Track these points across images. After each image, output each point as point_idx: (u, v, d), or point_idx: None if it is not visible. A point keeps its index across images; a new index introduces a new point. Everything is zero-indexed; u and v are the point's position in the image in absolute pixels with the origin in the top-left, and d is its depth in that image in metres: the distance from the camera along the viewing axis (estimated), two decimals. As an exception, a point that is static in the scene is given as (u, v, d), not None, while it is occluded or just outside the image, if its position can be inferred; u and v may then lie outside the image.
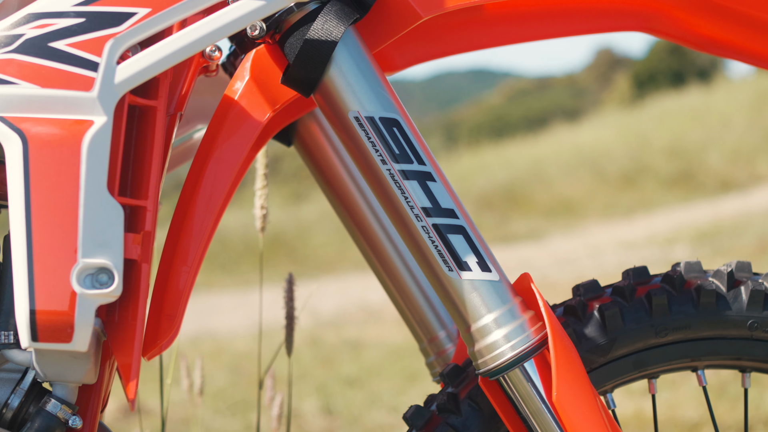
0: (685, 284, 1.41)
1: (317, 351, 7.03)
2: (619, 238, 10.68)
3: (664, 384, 4.87)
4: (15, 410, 1.28)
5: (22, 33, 1.20)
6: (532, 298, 1.32)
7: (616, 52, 34.48)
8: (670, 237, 10.00)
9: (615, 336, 1.39)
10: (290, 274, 1.96)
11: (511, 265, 10.07)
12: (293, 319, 1.98)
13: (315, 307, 8.52)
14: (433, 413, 1.40)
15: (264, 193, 1.90)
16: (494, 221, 13.26)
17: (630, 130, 17.36)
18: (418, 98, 71.58)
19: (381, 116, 1.29)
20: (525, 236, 12.14)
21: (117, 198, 1.21)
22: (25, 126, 1.17)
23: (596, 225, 12.41)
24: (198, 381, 2.27)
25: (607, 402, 1.46)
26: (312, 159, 1.79)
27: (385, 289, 1.84)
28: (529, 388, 1.30)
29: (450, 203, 1.30)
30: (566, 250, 10.45)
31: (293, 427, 5.27)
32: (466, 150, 21.83)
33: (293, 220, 13.85)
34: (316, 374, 6.35)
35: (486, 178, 15.76)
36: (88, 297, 1.17)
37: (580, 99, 30.67)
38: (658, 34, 1.53)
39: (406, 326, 1.87)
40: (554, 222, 12.99)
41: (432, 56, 1.52)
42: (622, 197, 13.85)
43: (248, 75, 1.34)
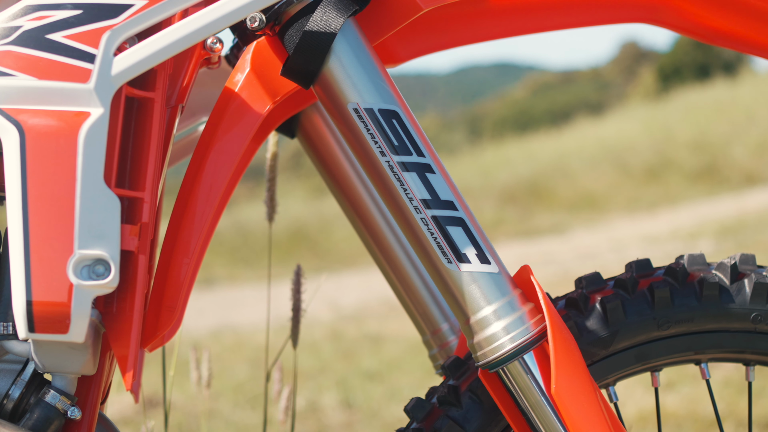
0: (687, 277, 1.40)
1: (338, 345, 7.04)
2: (643, 233, 10.63)
3: (685, 378, 4.85)
4: (16, 401, 1.29)
5: (19, 25, 1.21)
6: (531, 291, 1.32)
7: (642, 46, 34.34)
8: (693, 231, 9.95)
9: (617, 329, 1.39)
10: (298, 266, 1.96)
11: (534, 259, 10.05)
12: (299, 311, 1.98)
13: (336, 301, 8.53)
14: (434, 406, 1.40)
15: (273, 184, 1.90)
16: (517, 215, 13.23)
17: (654, 123, 17.29)
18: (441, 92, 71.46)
19: (380, 108, 1.29)
20: (548, 230, 12.11)
21: (114, 189, 1.21)
22: (22, 117, 1.18)
23: (620, 219, 12.37)
24: (205, 374, 2.27)
25: (609, 395, 1.45)
26: (315, 151, 1.79)
27: (388, 282, 1.84)
28: (528, 380, 1.30)
29: (449, 195, 1.30)
30: (589, 244, 10.41)
31: (312, 420, 5.28)
32: (489, 144, 21.80)
33: (316, 214, 13.86)
34: (336, 368, 6.36)
35: (509, 172, 15.72)
36: (85, 288, 1.17)
37: (605, 92, 30.54)
38: (665, 26, 1.52)
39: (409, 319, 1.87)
40: (577, 216, 12.94)
41: (436, 48, 1.51)
42: (646, 191, 13.79)
43: (249, 67, 1.34)
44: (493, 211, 13.43)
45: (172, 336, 1.37)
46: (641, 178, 14.39)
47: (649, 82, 27.24)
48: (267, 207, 1.94)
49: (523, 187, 14.65)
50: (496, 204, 13.77)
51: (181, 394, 5.88)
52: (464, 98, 58.71)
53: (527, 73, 54.28)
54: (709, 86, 20.42)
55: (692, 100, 18.89)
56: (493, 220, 13.00)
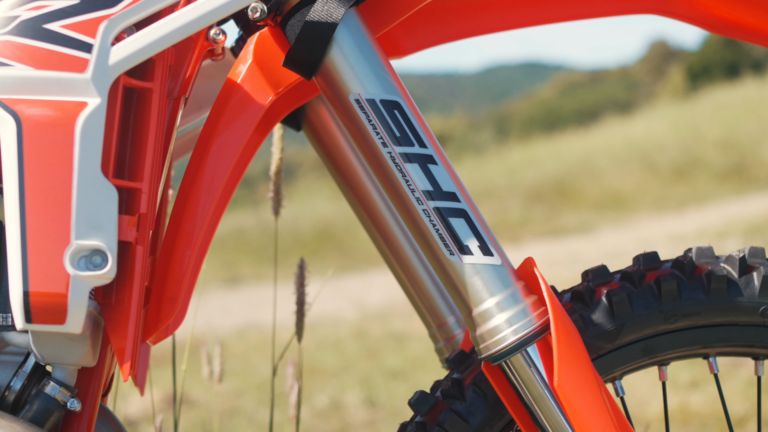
0: (695, 270, 1.39)
1: (362, 343, 7.04)
2: (670, 232, 10.58)
3: (710, 377, 4.82)
4: (17, 393, 1.29)
5: (17, 15, 1.20)
6: (535, 283, 1.30)
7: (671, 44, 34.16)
8: (721, 230, 9.89)
9: (623, 322, 1.37)
10: (302, 260, 1.95)
11: (560, 258, 10.02)
12: (303, 305, 1.97)
13: (362, 299, 8.53)
14: (438, 399, 1.39)
15: (279, 177, 1.89)
16: (544, 215, 13.20)
17: (683, 122, 17.20)
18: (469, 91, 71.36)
19: (382, 99, 1.28)
20: (574, 230, 12.06)
21: (112, 180, 1.20)
22: (19, 108, 1.17)
23: (647, 218, 12.31)
24: (217, 369, 2.27)
25: (616, 389, 1.44)
26: (321, 144, 1.78)
27: (394, 275, 1.83)
28: (531, 373, 1.29)
29: (452, 186, 1.29)
30: (616, 243, 10.36)
31: (335, 418, 5.28)
32: (516, 143, 21.75)
33: (342, 214, 13.85)
34: (360, 366, 6.36)
35: (536, 172, 15.69)
36: (82, 279, 1.17)
37: (633, 92, 30.41)
38: (674, 17, 1.51)
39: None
40: (604, 215, 12.89)
41: (443, 40, 1.51)
42: (674, 190, 13.72)
43: (251, 58, 1.34)
44: (520, 210, 13.40)
45: (176, 328, 1.37)
46: (669, 178, 14.32)
47: (677, 81, 27.10)
48: (273, 201, 1.94)
49: (549, 186, 14.62)
50: (522, 203, 13.74)
51: (205, 391, 5.90)
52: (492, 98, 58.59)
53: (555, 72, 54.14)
54: (738, 85, 20.30)
55: (721, 99, 18.78)
56: (520, 219, 12.97)
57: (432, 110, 47.35)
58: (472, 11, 1.50)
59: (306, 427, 5.22)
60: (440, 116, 35.73)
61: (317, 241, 12.92)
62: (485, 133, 28.38)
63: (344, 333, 7.46)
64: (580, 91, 33.34)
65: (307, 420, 5.34)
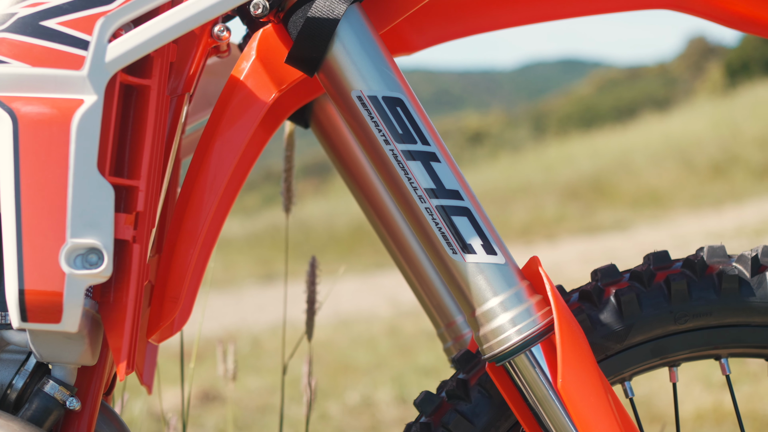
0: (706, 269, 1.36)
1: (395, 340, 7.03)
2: (707, 229, 10.50)
3: (745, 377, 4.78)
4: (19, 391, 1.28)
5: (14, 12, 1.20)
6: (540, 283, 1.28)
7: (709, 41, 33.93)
8: (759, 228, 9.81)
9: (632, 322, 1.35)
10: (313, 258, 1.94)
11: (596, 255, 9.97)
12: (314, 303, 1.96)
13: (396, 296, 8.52)
14: (443, 400, 1.37)
15: (290, 174, 1.89)
16: (579, 212, 13.14)
17: (721, 119, 17.08)
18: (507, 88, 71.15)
19: (384, 95, 1.27)
20: (610, 227, 12.00)
21: (108, 178, 1.19)
22: (15, 105, 1.17)
23: (684, 216, 12.22)
24: (231, 366, 2.26)
25: (625, 390, 1.41)
26: (328, 141, 1.77)
27: (402, 274, 1.82)
28: (535, 374, 1.27)
29: (455, 184, 1.27)
30: (652, 240, 10.30)
31: (366, 416, 5.27)
32: (553, 140, 21.68)
33: (377, 210, 13.83)
34: (393, 363, 6.35)
35: (572, 169, 15.63)
36: (77, 277, 1.16)
37: (672, 88, 30.20)
38: (690, 12, 1.49)
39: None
40: (640, 212, 12.81)
41: (452, 36, 1.49)
42: (711, 187, 13.62)
43: (254, 55, 1.33)
44: (556, 207, 13.35)
45: (180, 327, 1.36)
46: (706, 175, 14.22)
47: (716, 78, 26.90)
48: (283, 198, 1.93)
49: (585, 183, 14.55)
50: (558, 200, 13.70)
51: (238, 388, 5.91)
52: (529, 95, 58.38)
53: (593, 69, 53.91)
54: (777, 81, 20.13)
55: (760, 96, 18.63)
56: (555, 216, 12.93)
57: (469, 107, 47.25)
58: (482, 7, 1.48)
59: (336, 424, 5.22)
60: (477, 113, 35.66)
61: (353, 237, 12.94)
62: (522, 131, 28.30)
63: (378, 330, 7.46)
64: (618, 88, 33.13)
65: (338, 417, 5.34)
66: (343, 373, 6.22)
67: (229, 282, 11.19)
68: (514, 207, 13.57)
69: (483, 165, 19.87)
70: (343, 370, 6.28)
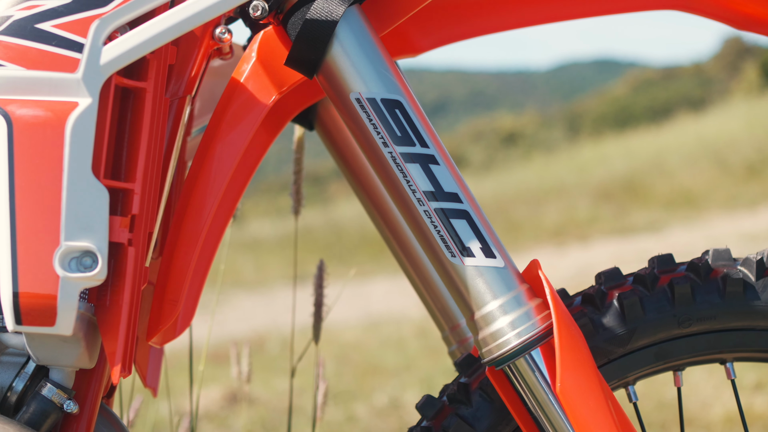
0: (711, 273, 1.35)
1: (425, 342, 7.02)
2: (742, 231, 10.42)
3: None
4: (19, 394, 1.28)
5: (10, 14, 1.20)
6: (541, 286, 1.27)
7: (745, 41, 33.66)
8: (795, 230, 9.73)
9: (635, 326, 1.34)
10: (321, 261, 1.94)
11: (629, 257, 9.91)
12: (321, 307, 1.96)
13: (427, 298, 8.49)
14: (444, 404, 1.37)
15: (299, 177, 1.88)
16: (612, 213, 13.08)
17: (757, 119, 16.95)
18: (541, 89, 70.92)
19: (383, 98, 1.26)
20: (644, 228, 11.94)
21: (103, 181, 1.19)
22: (10, 108, 1.17)
23: (718, 217, 12.14)
24: (245, 369, 2.26)
25: (629, 394, 1.40)
26: (333, 143, 1.76)
27: (407, 276, 1.81)
28: (534, 378, 1.26)
29: (454, 187, 1.26)
30: (686, 242, 10.24)
31: (394, 417, 5.27)
32: (587, 141, 21.59)
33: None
34: (422, 365, 6.34)
35: (606, 170, 15.56)
36: (71, 280, 1.16)
37: (707, 88, 29.98)
38: (698, 12, 1.47)
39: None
40: (674, 214, 12.74)
41: (458, 37, 1.48)
42: (746, 188, 13.52)
43: (255, 57, 1.32)
44: (588, 208, 13.30)
45: (183, 330, 1.36)
46: (741, 176, 14.12)
47: (752, 78, 26.68)
48: (293, 200, 1.93)
49: (619, 184, 14.48)
50: (591, 201, 13.64)
51: (267, 390, 5.92)
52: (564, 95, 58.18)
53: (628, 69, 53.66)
54: (814, 81, 19.96)
55: (797, 96, 18.49)
56: (588, 217, 12.87)
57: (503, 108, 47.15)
58: (489, 7, 1.47)
59: (364, 426, 5.22)
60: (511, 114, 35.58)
61: (384, 239, 12.89)
62: (556, 131, 28.19)
63: (407, 331, 7.46)
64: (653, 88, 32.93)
65: (365, 419, 5.34)
66: (371, 374, 6.22)
67: (261, 283, 11.22)
68: (547, 208, 13.53)
69: (516, 166, 19.82)
70: (371, 372, 6.28)
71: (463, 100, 66.39)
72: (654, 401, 4.72)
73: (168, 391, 2.20)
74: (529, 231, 12.48)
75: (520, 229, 12.63)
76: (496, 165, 20.63)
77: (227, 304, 9.65)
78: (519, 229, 12.63)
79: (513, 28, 1.49)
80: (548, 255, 10.82)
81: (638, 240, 10.97)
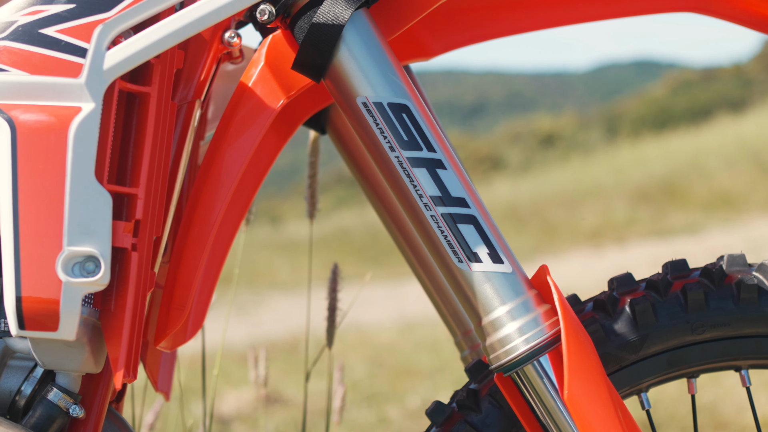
0: (725, 279, 1.33)
1: (461, 344, 6.99)
2: (781, 233, 10.35)
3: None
4: (28, 398, 1.28)
5: (15, 20, 1.21)
6: (550, 292, 1.26)
7: (787, 41, 33.35)
8: (836, 233, 9.64)
9: (647, 332, 1.32)
10: (335, 265, 1.92)
11: (666, 259, 9.78)
12: (335, 311, 1.95)
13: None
14: (454, 410, 1.35)
15: (314, 181, 1.88)
16: (650, 215, 13.00)
17: (797, 121, 16.82)
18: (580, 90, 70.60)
19: (390, 102, 1.25)
20: (682, 230, 11.86)
21: (106, 186, 1.19)
22: (14, 113, 1.17)
23: (757, 219, 12.04)
24: (263, 373, 2.25)
25: (642, 401, 1.38)
26: (345, 147, 1.75)
27: (419, 281, 1.80)
28: (543, 385, 1.24)
29: (461, 192, 1.25)
30: (725, 244, 10.16)
31: (425, 420, 5.26)
32: (626, 142, 21.47)
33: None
34: (456, 367, 6.33)
35: (644, 171, 15.47)
36: (74, 285, 1.16)
37: (747, 89, 29.73)
38: (714, 15, 1.46)
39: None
40: (713, 216, 12.64)
41: (471, 41, 1.47)
42: (787, 191, 13.41)
43: (263, 61, 1.32)
44: (626, 210, 13.23)
45: (193, 334, 1.36)
46: (781, 177, 14.01)
47: (793, 78, 26.45)
48: (307, 204, 1.92)
49: (657, 186, 14.40)
50: (628, 203, 13.57)
51: (300, 391, 5.93)
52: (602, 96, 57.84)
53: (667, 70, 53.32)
54: None
55: (838, 96, 18.30)
56: (626, 219, 12.81)
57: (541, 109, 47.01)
58: (501, 11, 1.46)
59: (396, 428, 5.21)
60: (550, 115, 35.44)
61: (421, 241, 12.90)
62: (595, 133, 28.05)
63: (442, 333, 7.44)
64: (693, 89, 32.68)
65: (397, 420, 5.33)
66: (405, 376, 6.21)
67: (297, 284, 11.24)
68: (584, 210, 13.47)
69: (554, 167, 19.75)
70: (405, 374, 6.27)
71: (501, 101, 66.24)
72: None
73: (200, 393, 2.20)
74: (566, 233, 12.43)
75: (557, 231, 12.59)
76: (533, 167, 20.56)
77: (263, 305, 9.68)
78: (556, 231, 12.59)
79: (527, 31, 1.48)
80: (585, 257, 10.78)
81: (676, 242, 10.90)
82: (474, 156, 23.99)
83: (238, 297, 9.60)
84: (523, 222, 13.14)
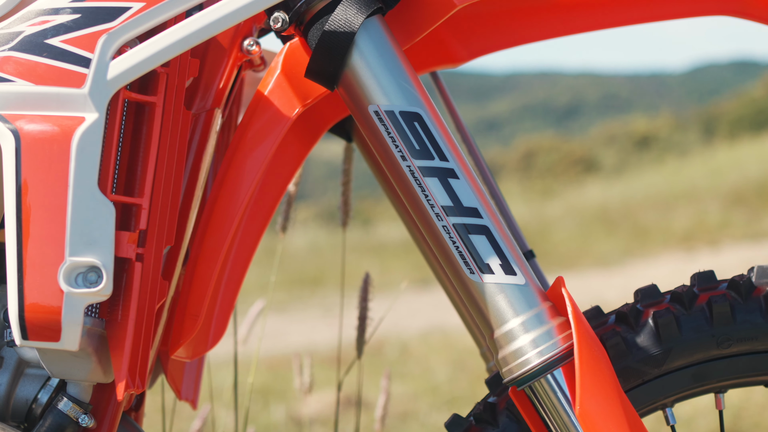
0: (753, 291, 1.28)
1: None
2: None
3: None
4: (44, 406, 1.29)
5: (21, 30, 1.21)
6: (564, 305, 1.23)
7: None
8: None
9: (670, 346, 1.28)
10: (366, 274, 1.90)
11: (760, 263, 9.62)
12: (365, 320, 1.93)
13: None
14: (471, 423, 1.33)
15: (348, 188, 1.86)
16: (744, 218, 12.76)
17: None
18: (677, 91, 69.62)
19: (402, 110, 1.23)
20: (777, 234, 11.63)
21: (110, 196, 1.19)
22: (19, 123, 1.17)
23: None
24: (307, 379, 2.24)
25: (666, 416, 1.34)
26: (370, 155, 1.73)
27: (445, 292, 1.78)
28: (556, 399, 1.21)
29: (474, 202, 1.22)
30: (821, 249, 9.94)
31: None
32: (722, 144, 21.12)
33: (537, 216, 13.72)
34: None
35: (740, 173, 15.20)
36: (76, 296, 1.16)
37: None
38: (750, 18, 1.42)
39: None
40: (810, 219, 12.37)
41: (499, 47, 1.44)
42: None
43: (279, 69, 1.31)
44: (720, 213, 13.01)
45: (214, 344, 1.35)
46: None
47: None
48: (341, 212, 1.90)
49: (752, 188, 14.13)
50: (722, 206, 13.34)
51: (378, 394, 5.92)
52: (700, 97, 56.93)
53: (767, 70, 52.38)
54: None
55: None
56: (719, 222, 12.59)
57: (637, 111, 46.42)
58: (531, 15, 1.43)
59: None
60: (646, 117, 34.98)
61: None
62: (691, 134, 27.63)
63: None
64: (793, 90, 32.06)
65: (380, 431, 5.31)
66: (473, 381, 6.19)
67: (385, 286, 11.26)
68: (677, 213, 13.27)
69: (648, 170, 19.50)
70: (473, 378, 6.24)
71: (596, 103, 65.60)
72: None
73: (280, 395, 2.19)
74: (657, 236, 12.25)
75: (649, 234, 12.42)
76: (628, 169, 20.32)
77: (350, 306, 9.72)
78: (647, 234, 12.42)
79: (557, 36, 1.45)
80: (677, 261, 10.62)
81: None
82: (568, 158, 23.78)
83: (326, 299, 9.65)
84: (614, 225, 12.98)
